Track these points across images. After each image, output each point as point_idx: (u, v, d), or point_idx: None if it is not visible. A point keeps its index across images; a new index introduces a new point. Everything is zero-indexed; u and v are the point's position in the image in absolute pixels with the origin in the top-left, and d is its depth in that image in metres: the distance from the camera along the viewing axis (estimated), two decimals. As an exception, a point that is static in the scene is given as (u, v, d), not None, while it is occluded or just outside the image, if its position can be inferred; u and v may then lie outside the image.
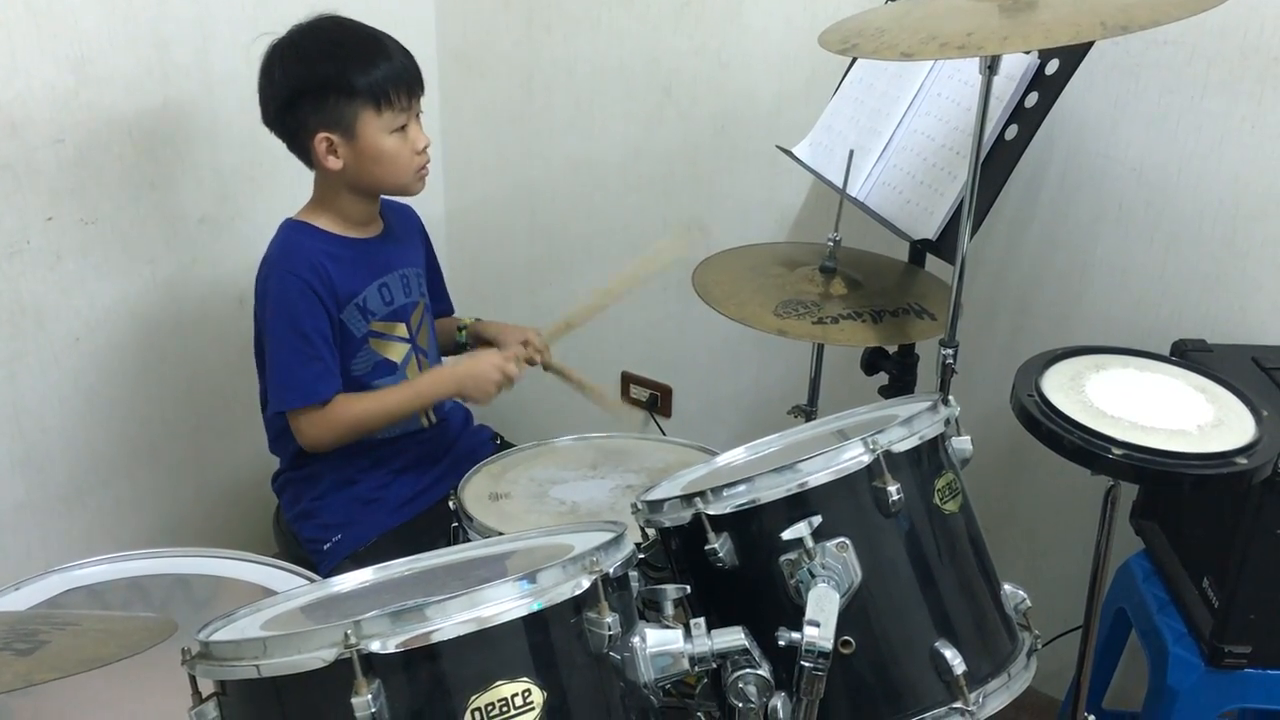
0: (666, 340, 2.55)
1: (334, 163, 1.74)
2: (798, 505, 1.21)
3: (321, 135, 1.72)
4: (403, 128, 1.75)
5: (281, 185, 2.25)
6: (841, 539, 1.19)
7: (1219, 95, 1.78)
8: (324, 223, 1.82)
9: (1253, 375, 1.66)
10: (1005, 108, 1.65)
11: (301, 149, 1.77)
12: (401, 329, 1.88)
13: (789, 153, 2.01)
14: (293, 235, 1.80)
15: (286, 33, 1.76)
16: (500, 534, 1.52)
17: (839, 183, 1.77)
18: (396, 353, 1.87)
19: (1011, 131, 1.65)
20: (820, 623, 1.13)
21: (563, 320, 1.94)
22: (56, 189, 1.96)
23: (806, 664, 1.12)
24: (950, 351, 1.56)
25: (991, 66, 1.43)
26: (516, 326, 2.02)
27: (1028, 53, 1.64)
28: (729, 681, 1.16)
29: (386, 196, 1.88)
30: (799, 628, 1.13)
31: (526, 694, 1.00)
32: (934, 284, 1.84)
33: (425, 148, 1.79)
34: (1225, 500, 1.63)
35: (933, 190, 1.74)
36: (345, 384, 1.80)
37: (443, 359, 2.02)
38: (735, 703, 1.16)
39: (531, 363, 1.93)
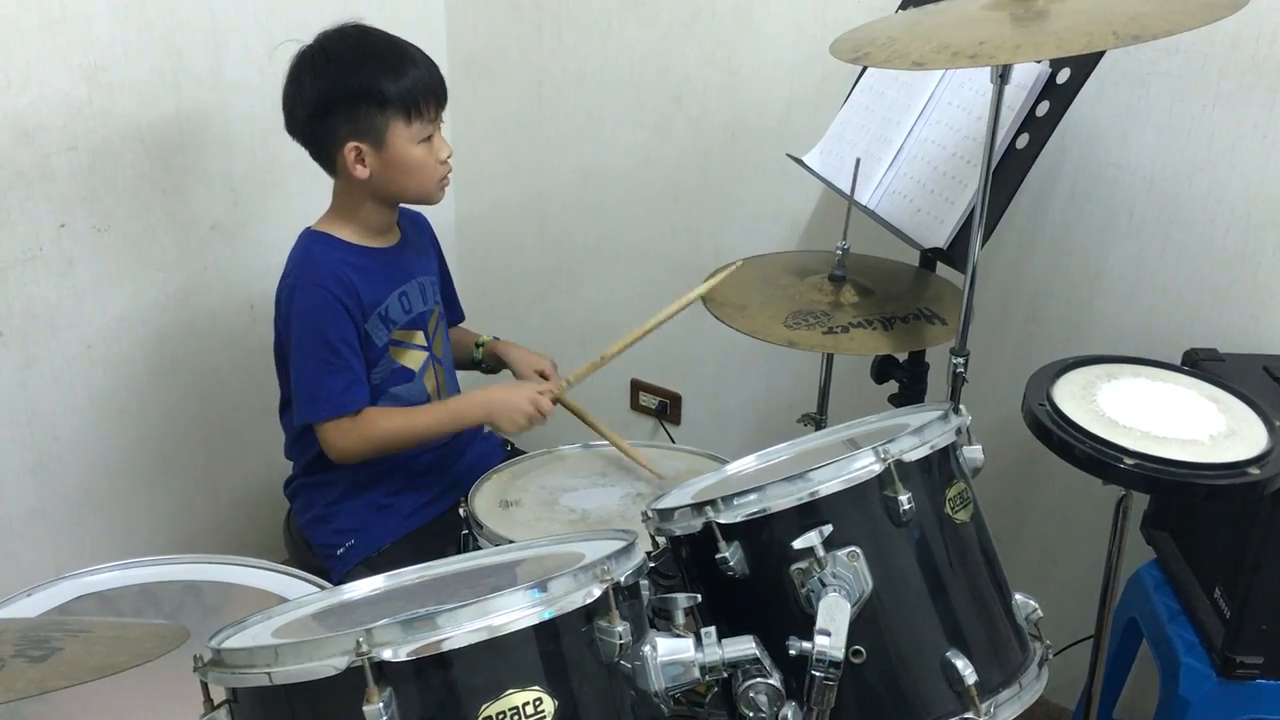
0: (676, 347, 2.55)
1: (361, 172, 1.74)
2: (808, 514, 1.21)
3: (351, 145, 1.72)
4: (429, 138, 1.76)
5: (293, 193, 2.26)
6: (852, 548, 1.19)
7: (1230, 104, 1.78)
8: (345, 233, 1.82)
9: (1265, 385, 1.66)
10: (1016, 116, 1.65)
11: (327, 158, 1.77)
12: (419, 337, 1.88)
13: (799, 161, 2.01)
14: (315, 246, 1.81)
15: (314, 40, 1.75)
16: (511, 542, 1.52)
17: (848, 191, 1.77)
18: (414, 360, 1.88)
19: (1023, 140, 1.65)
20: (831, 632, 1.13)
21: (597, 357, 1.90)
22: (69, 196, 1.97)
23: (817, 673, 1.12)
24: (961, 360, 1.56)
25: (1003, 75, 1.43)
26: (534, 353, 2.02)
27: (1039, 62, 1.63)
28: (740, 691, 1.16)
29: (406, 205, 1.89)
30: (810, 637, 1.13)
31: (538, 702, 1.01)
32: (945, 288, 1.84)
33: (448, 157, 1.80)
34: (1237, 510, 1.62)
35: (943, 199, 1.74)
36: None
37: (456, 378, 2.02)
38: (746, 712, 1.16)
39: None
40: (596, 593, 1.04)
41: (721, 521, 1.23)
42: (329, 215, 1.84)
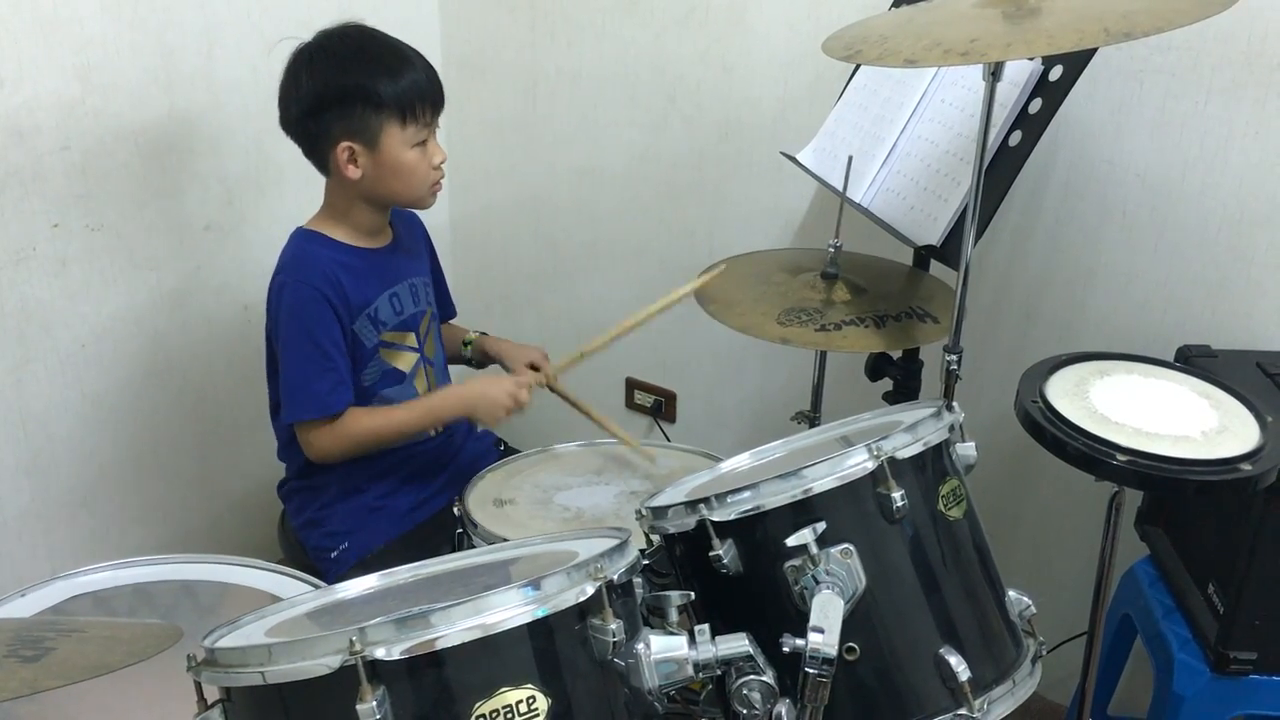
0: (671, 346, 2.55)
1: (353, 172, 1.74)
2: (802, 511, 1.21)
3: (344, 144, 1.72)
4: (423, 142, 1.76)
5: (287, 193, 2.26)
6: (846, 545, 1.19)
7: (1223, 101, 1.78)
8: (336, 232, 1.81)
9: (1257, 381, 1.66)
10: (1009, 114, 1.66)
11: (319, 156, 1.77)
12: (410, 339, 1.88)
13: (793, 159, 2.01)
14: (305, 245, 1.80)
15: (314, 37, 1.75)
16: (505, 540, 1.52)
17: (841, 188, 1.77)
18: (405, 362, 1.88)
19: (1015, 137, 1.65)
20: (824, 629, 1.13)
21: (577, 351, 1.92)
22: (63, 196, 1.97)
23: (811, 670, 1.12)
24: (955, 357, 1.56)
25: (995, 73, 1.43)
26: (522, 345, 2.02)
27: (1031, 59, 1.64)
28: (733, 688, 1.16)
29: (397, 208, 1.89)
30: (803, 634, 1.13)
31: (531, 700, 1.01)
32: (937, 287, 1.84)
33: (441, 163, 1.80)
34: (1230, 506, 1.62)
35: (937, 196, 1.74)
36: (355, 394, 1.80)
37: (449, 379, 2.02)
38: (740, 709, 1.16)
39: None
40: (590, 591, 1.04)
41: (715, 519, 1.23)
42: (320, 215, 1.84)
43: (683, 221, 2.46)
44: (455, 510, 1.67)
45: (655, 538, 1.37)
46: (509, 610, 1.01)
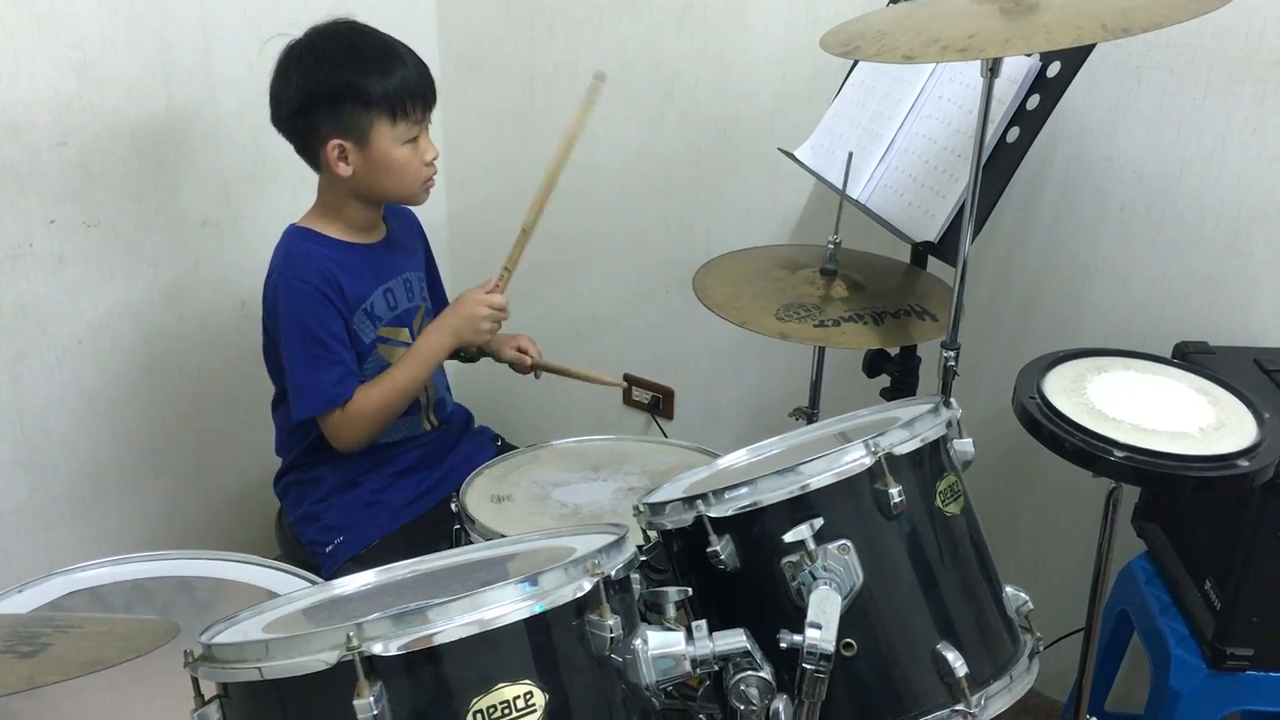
0: (668, 342, 2.55)
1: (344, 169, 1.74)
2: (799, 507, 1.21)
3: (334, 142, 1.72)
4: (415, 139, 1.75)
5: (284, 188, 2.26)
6: (843, 541, 1.19)
7: (1220, 98, 1.78)
8: (329, 229, 1.81)
9: (1254, 377, 1.66)
10: (1007, 110, 1.65)
11: (310, 154, 1.77)
12: (405, 334, 1.89)
13: (791, 155, 2.01)
14: (298, 242, 1.80)
15: (304, 35, 1.75)
16: (502, 536, 1.52)
17: (840, 185, 1.77)
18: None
19: (1013, 134, 1.65)
20: (822, 625, 1.13)
21: (519, 230, 1.92)
22: (59, 192, 1.97)
23: (808, 666, 1.12)
24: (952, 354, 1.56)
25: (993, 69, 1.43)
26: (507, 335, 2.02)
27: (1029, 55, 1.64)
28: (731, 684, 1.16)
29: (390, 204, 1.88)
30: (801, 630, 1.13)
31: (528, 696, 1.01)
32: (935, 285, 1.84)
33: (434, 159, 1.80)
34: (1227, 502, 1.63)
35: (934, 193, 1.74)
36: None
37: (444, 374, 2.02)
38: (737, 705, 1.16)
39: (522, 370, 1.94)
40: (587, 586, 1.04)
41: (713, 515, 1.23)
42: (313, 211, 1.84)
43: (680, 217, 2.46)
44: (453, 506, 1.67)
45: (653, 534, 1.37)
46: (506, 606, 1.01)
